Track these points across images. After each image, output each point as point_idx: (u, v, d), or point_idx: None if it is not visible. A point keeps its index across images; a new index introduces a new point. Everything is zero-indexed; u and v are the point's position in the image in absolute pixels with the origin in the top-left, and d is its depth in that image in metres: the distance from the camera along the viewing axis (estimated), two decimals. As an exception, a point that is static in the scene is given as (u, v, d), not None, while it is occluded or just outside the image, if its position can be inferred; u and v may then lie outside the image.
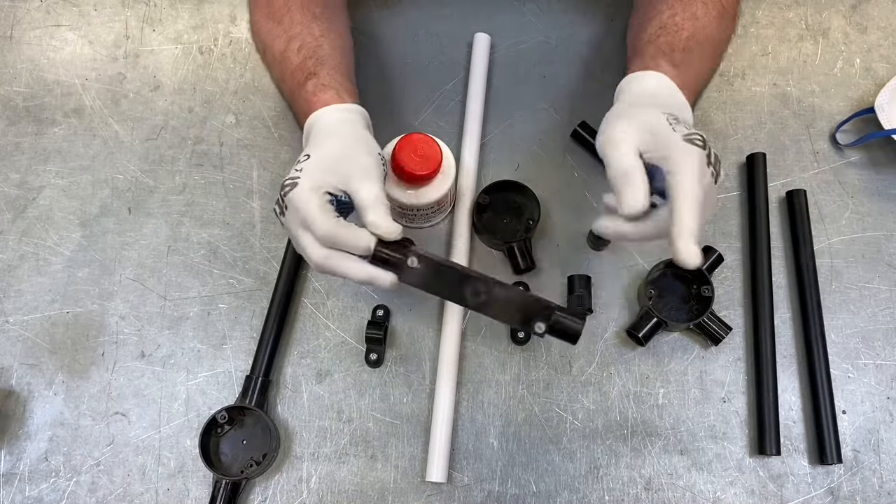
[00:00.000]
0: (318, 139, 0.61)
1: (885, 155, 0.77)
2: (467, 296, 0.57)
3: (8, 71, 0.82)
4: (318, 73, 0.66)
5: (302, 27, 0.69)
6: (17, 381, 0.70)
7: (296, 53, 0.68)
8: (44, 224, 0.75)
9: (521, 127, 0.79)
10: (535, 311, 0.57)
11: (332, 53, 0.68)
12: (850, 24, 0.83)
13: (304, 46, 0.68)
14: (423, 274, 0.57)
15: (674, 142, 0.55)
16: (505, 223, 0.73)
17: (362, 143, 0.60)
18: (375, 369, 0.70)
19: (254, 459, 0.66)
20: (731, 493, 0.66)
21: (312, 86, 0.65)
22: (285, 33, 0.70)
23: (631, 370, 0.70)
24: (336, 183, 0.57)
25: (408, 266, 0.57)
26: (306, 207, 0.55)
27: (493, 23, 0.83)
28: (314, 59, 0.67)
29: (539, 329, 0.56)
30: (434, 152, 0.65)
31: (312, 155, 0.58)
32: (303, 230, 0.57)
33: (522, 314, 0.57)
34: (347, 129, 0.61)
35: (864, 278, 0.73)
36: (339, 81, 0.66)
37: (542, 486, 0.67)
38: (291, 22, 0.70)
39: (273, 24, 0.71)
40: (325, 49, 0.68)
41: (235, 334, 0.71)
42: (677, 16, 0.68)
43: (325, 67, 0.66)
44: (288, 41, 0.69)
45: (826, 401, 0.67)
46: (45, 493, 0.66)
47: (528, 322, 0.57)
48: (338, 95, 0.64)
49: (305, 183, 0.56)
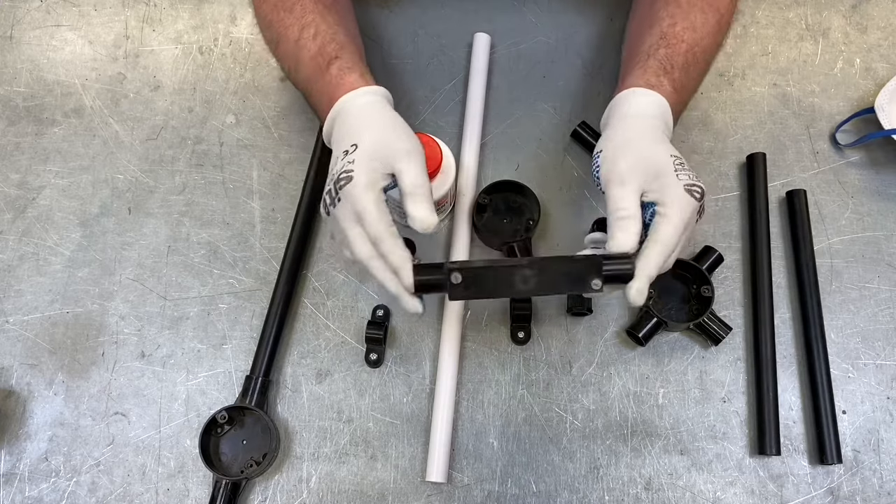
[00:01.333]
0: (354, 126, 0.60)
1: (885, 155, 0.77)
2: (519, 287, 0.57)
3: (8, 71, 0.82)
4: (341, 56, 0.65)
5: (315, 15, 0.69)
6: (17, 381, 0.70)
7: (312, 40, 0.67)
8: (44, 224, 0.75)
9: (521, 127, 0.79)
10: (584, 271, 0.56)
11: (348, 41, 0.68)
12: (850, 24, 0.83)
13: (320, 33, 0.67)
14: (470, 285, 0.56)
15: (674, 190, 0.57)
16: (505, 223, 0.73)
17: (400, 127, 0.60)
18: (375, 369, 0.70)
19: (254, 459, 0.66)
20: (731, 493, 0.66)
21: (337, 69, 0.64)
22: (298, 21, 0.69)
23: (631, 370, 0.70)
24: (386, 171, 0.57)
25: (452, 283, 0.56)
26: (364, 202, 0.55)
27: (493, 23, 0.83)
28: (334, 44, 0.66)
29: (596, 286, 0.56)
30: (434, 152, 0.65)
31: (360, 145, 0.58)
32: (354, 223, 0.56)
33: (574, 281, 0.57)
34: (383, 114, 0.61)
35: (864, 278, 0.73)
36: (360, 66, 0.65)
37: (542, 486, 0.67)
38: (304, 10, 0.69)
39: (285, 14, 0.71)
40: (341, 36, 0.67)
41: (235, 334, 0.71)
42: (677, 25, 0.67)
43: (346, 51, 0.66)
44: (301, 29, 0.68)
45: (826, 401, 0.67)
46: (45, 493, 0.66)
47: (582, 283, 0.56)
48: (362, 77, 0.64)
49: (361, 178, 0.56)
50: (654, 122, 0.62)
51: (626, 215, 0.57)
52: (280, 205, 0.76)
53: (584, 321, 0.72)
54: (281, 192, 0.76)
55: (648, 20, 0.70)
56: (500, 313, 0.72)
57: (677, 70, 0.65)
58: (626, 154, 0.59)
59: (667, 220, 0.57)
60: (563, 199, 0.76)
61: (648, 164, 0.58)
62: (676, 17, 0.68)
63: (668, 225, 0.57)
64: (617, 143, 0.61)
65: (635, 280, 0.56)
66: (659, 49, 0.66)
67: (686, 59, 0.67)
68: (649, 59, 0.66)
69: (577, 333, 0.71)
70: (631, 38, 0.74)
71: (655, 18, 0.69)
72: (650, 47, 0.67)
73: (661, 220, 0.57)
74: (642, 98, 0.63)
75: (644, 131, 0.61)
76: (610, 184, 0.59)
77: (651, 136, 0.61)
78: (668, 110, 0.63)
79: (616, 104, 0.65)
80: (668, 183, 0.58)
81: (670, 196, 0.57)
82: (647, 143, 0.60)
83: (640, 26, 0.72)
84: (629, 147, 0.60)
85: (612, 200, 0.58)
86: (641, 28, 0.71)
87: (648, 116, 0.62)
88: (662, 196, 0.58)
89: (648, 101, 0.63)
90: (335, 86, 0.63)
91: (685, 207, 0.57)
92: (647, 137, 0.60)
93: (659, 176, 0.58)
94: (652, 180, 0.58)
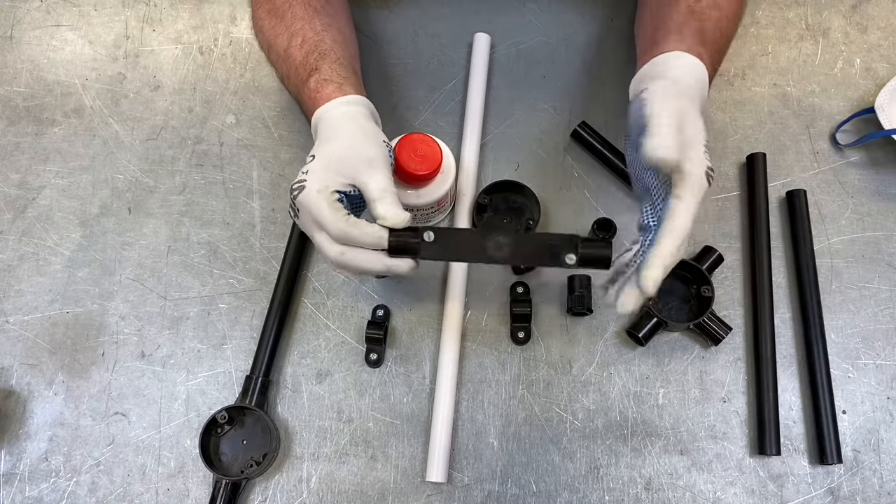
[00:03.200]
0: (322, 137, 0.62)
1: (885, 155, 0.77)
2: (491, 252, 0.58)
3: (8, 71, 0.82)
4: (319, 67, 0.65)
5: (304, 22, 0.69)
6: (17, 381, 0.70)
7: (298, 49, 0.68)
8: (44, 224, 0.75)
9: (521, 127, 0.79)
10: (560, 245, 0.57)
11: (333, 47, 0.68)
12: (850, 24, 0.83)
13: (307, 41, 0.68)
14: (442, 244, 0.58)
15: (696, 169, 0.55)
16: (505, 223, 0.73)
17: (367, 136, 0.60)
18: (375, 369, 0.70)
19: (254, 459, 0.66)
20: (731, 493, 0.66)
21: (315, 82, 0.65)
22: (287, 30, 0.69)
23: (631, 370, 0.70)
24: (344, 180, 0.58)
25: (425, 241, 0.57)
26: (317, 209, 0.56)
27: (493, 23, 0.83)
28: (316, 54, 0.66)
29: (570, 261, 0.57)
30: (434, 152, 0.65)
31: (317, 155, 0.59)
32: (317, 230, 0.58)
33: (549, 251, 0.57)
34: (350, 124, 0.61)
35: (864, 278, 0.73)
36: (340, 74, 0.65)
37: (542, 486, 0.67)
38: (294, 17, 0.69)
39: (276, 21, 0.71)
40: (326, 43, 0.68)
41: (235, 334, 0.71)
42: (702, 1, 0.65)
43: (326, 61, 0.66)
44: (290, 37, 0.69)
45: (826, 401, 0.67)
46: (45, 493, 0.66)
47: (556, 257, 0.57)
48: (339, 88, 0.64)
49: (313, 185, 0.57)
50: (697, 91, 0.60)
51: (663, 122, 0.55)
52: (280, 205, 0.76)
53: (584, 321, 0.72)
54: (281, 192, 0.76)
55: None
56: (500, 313, 0.72)
57: (709, 44, 0.64)
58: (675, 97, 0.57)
59: (683, 203, 0.55)
60: (563, 199, 0.76)
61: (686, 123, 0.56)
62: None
63: (684, 208, 0.55)
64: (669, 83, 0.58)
65: (650, 268, 0.55)
66: (690, 22, 0.64)
67: (714, 35, 0.65)
68: (683, 29, 0.63)
69: (577, 333, 0.71)
70: (650, 12, 0.71)
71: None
72: (681, 20, 0.64)
73: (677, 201, 0.55)
74: (687, 61, 0.60)
75: (692, 93, 0.59)
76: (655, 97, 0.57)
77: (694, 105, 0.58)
78: (707, 82, 0.62)
79: (663, 61, 0.61)
80: (694, 156, 0.55)
81: (690, 174, 0.55)
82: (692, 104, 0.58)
83: (659, 4, 0.69)
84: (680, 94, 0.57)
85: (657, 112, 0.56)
86: (661, 6, 0.68)
87: (692, 83, 0.60)
88: (682, 172, 0.55)
89: (693, 66, 0.60)
90: (313, 99, 0.64)
91: (702, 190, 0.55)
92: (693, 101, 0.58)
93: (688, 144, 0.56)
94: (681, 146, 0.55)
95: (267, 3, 0.73)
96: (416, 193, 0.67)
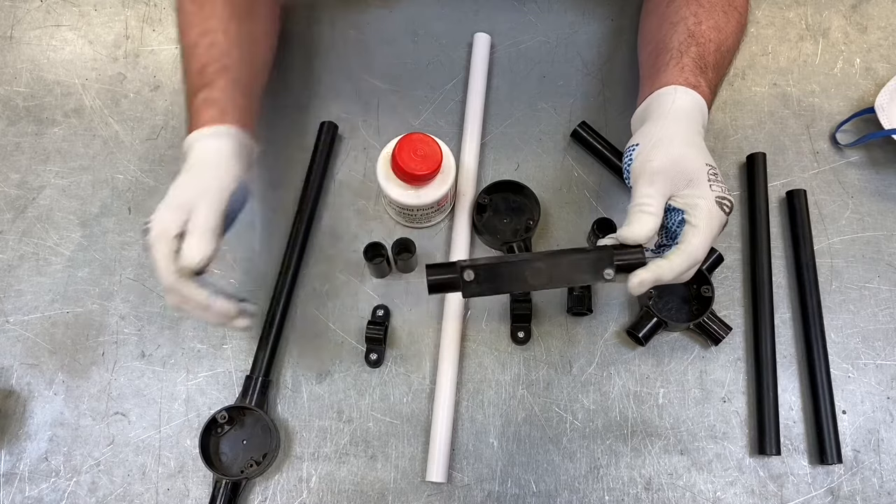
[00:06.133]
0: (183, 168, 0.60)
1: (885, 155, 0.77)
2: (531, 281, 0.58)
3: (8, 71, 0.82)
4: (213, 83, 0.62)
5: (219, 22, 0.65)
6: (17, 381, 0.70)
7: (205, 51, 0.64)
8: (44, 224, 0.75)
9: (521, 127, 0.79)
10: (596, 262, 0.57)
11: (239, 63, 0.64)
12: (850, 24, 0.83)
13: (215, 46, 0.64)
14: (483, 282, 0.57)
15: (705, 202, 0.57)
16: (505, 223, 0.73)
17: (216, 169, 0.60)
18: (375, 369, 0.70)
19: (254, 459, 0.66)
20: (731, 493, 0.66)
21: (201, 100, 0.62)
22: (202, 23, 0.65)
23: (631, 370, 0.70)
24: (186, 218, 0.57)
25: (465, 281, 0.57)
26: (152, 257, 0.57)
27: (493, 23, 0.83)
28: (218, 66, 0.63)
29: (608, 276, 0.57)
30: (434, 152, 0.65)
31: (170, 193, 0.59)
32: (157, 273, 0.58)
33: (586, 271, 0.58)
34: (210, 158, 0.60)
35: (864, 278, 0.73)
36: (230, 97, 0.62)
37: (542, 486, 0.67)
38: (212, 12, 0.65)
39: (195, 8, 0.66)
40: (232, 56, 0.64)
41: (235, 334, 0.71)
42: (702, 24, 0.66)
43: (223, 78, 0.63)
44: (202, 34, 0.64)
45: (826, 401, 0.67)
46: (45, 493, 0.66)
47: (596, 273, 0.57)
48: (221, 115, 0.61)
49: (155, 228, 0.57)
50: (695, 125, 0.61)
51: (647, 211, 0.57)
52: (280, 205, 0.76)
53: (584, 321, 0.72)
54: (281, 192, 0.76)
55: (670, 18, 0.68)
56: (500, 313, 0.72)
57: (710, 70, 0.64)
58: (662, 154, 0.58)
59: (696, 231, 0.56)
60: (563, 199, 0.76)
61: (683, 170, 0.58)
62: (700, 16, 0.66)
63: (697, 236, 0.56)
64: (655, 140, 0.59)
65: (642, 270, 0.56)
66: (690, 47, 0.64)
67: (715, 58, 0.65)
68: (683, 56, 0.64)
69: (577, 333, 0.71)
70: (651, 34, 0.72)
71: (679, 17, 0.67)
72: (680, 45, 0.65)
73: (690, 229, 0.57)
74: (685, 97, 0.61)
75: (684, 133, 0.60)
76: (639, 180, 0.58)
77: (690, 140, 0.59)
78: (706, 112, 0.63)
79: (657, 100, 0.63)
80: (701, 193, 0.57)
81: (701, 207, 0.57)
82: (685, 146, 0.59)
83: (660, 23, 0.70)
84: (667, 147, 0.59)
85: (638, 196, 0.58)
86: (663, 25, 0.69)
87: (690, 118, 0.61)
88: (693, 206, 0.57)
89: (690, 101, 0.61)
90: (193, 118, 0.62)
91: (714, 220, 0.57)
92: (687, 140, 0.59)
93: (692, 184, 0.57)
94: (683, 186, 0.58)
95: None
96: (416, 193, 0.67)
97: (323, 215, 0.75)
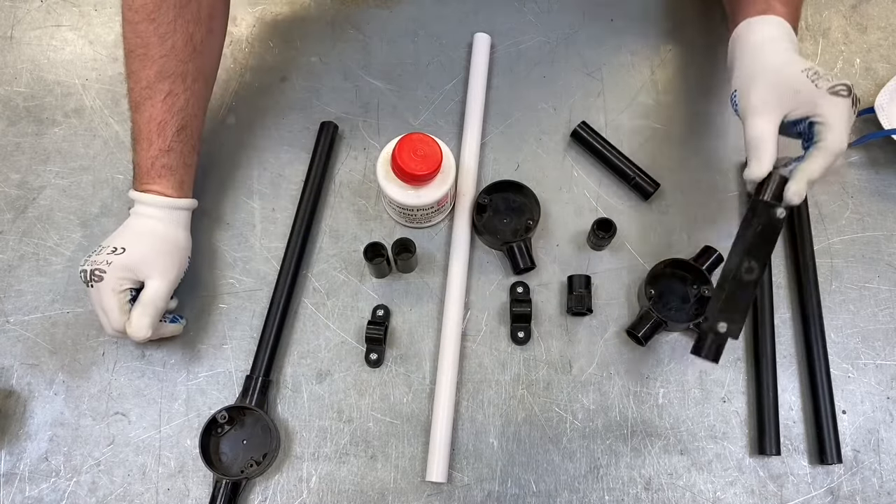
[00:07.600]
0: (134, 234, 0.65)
1: (885, 155, 0.77)
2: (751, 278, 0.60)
3: (8, 71, 0.82)
4: (172, 148, 0.65)
5: (178, 64, 0.64)
6: (17, 381, 0.70)
7: (161, 102, 0.64)
8: (44, 224, 0.75)
9: (521, 127, 0.79)
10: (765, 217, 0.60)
11: (193, 120, 0.67)
12: (850, 24, 0.83)
13: (172, 95, 0.64)
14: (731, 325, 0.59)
15: (820, 97, 0.59)
16: (505, 223, 0.73)
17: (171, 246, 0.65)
18: (375, 369, 0.70)
19: (254, 459, 0.66)
20: (731, 493, 0.66)
21: (161, 164, 0.65)
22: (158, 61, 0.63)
23: (631, 370, 0.70)
24: (138, 278, 0.63)
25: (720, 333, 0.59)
26: (108, 305, 0.62)
27: (493, 23, 0.83)
28: (176, 126, 0.65)
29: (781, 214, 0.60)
30: (434, 152, 0.65)
31: (125, 252, 0.63)
32: (101, 312, 0.63)
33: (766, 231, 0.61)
34: (159, 233, 0.65)
35: (864, 278, 0.73)
36: (187, 165, 0.67)
37: (542, 486, 0.67)
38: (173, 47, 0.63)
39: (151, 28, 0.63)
40: (189, 111, 0.66)
41: (235, 334, 0.71)
42: None
43: (180, 140, 0.65)
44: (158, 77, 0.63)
45: (826, 401, 0.67)
46: (45, 493, 0.66)
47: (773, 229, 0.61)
48: (178, 186, 0.66)
49: (110, 282, 0.62)
50: (780, 44, 0.63)
51: (757, 144, 0.60)
52: (280, 205, 0.76)
53: (584, 321, 0.72)
54: (281, 192, 0.76)
55: None
56: (500, 313, 0.72)
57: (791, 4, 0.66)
58: (758, 85, 0.61)
59: (825, 128, 0.59)
60: (563, 199, 0.76)
61: (783, 88, 0.60)
62: None
63: (830, 130, 0.58)
64: (748, 75, 0.63)
65: (792, 183, 0.59)
66: None
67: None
68: None
69: (577, 333, 0.71)
70: None
71: None
72: None
73: (822, 128, 0.59)
74: (764, 24, 0.64)
75: (772, 56, 0.62)
76: (746, 116, 0.62)
77: (779, 59, 0.62)
78: (790, 30, 0.64)
79: (740, 36, 0.65)
80: (810, 92, 0.59)
81: (819, 105, 0.59)
82: (776, 67, 0.61)
83: None
84: (760, 77, 0.62)
85: (747, 130, 0.61)
86: None
87: (774, 40, 0.63)
88: (811, 107, 0.59)
89: (772, 26, 0.64)
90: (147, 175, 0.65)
91: (839, 106, 0.59)
92: (776, 61, 0.62)
93: (799, 91, 0.60)
94: (791, 100, 0.60)
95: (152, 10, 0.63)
96: (416, 193, 0.67)
97: (323, 215, 0.75)
